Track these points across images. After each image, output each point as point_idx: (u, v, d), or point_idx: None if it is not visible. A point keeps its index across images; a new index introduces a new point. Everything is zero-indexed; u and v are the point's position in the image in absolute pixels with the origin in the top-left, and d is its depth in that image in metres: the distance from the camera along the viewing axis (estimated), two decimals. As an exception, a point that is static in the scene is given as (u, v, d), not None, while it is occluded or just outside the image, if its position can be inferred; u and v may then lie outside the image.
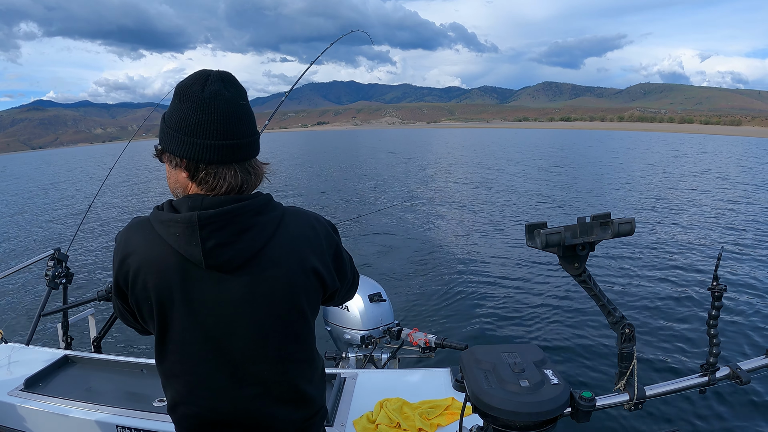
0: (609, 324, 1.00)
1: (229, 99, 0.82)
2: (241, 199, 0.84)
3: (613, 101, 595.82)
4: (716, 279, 1.02)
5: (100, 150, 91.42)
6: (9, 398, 1.62)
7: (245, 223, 0.83)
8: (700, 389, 1.08)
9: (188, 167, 0.84)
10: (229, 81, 0.84)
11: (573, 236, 0.88)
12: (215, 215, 0.80)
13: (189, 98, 0.82)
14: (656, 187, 14.91)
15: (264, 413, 0.91)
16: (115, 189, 18.55)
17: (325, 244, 0.92)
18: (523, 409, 0.79)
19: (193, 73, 0.84)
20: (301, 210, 0.94)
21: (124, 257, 0.87)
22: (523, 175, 19.23)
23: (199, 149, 0.81)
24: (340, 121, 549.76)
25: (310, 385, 0.97)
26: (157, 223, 0.84)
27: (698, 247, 7.63)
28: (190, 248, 0.81)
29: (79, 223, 2.90)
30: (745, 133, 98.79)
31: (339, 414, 1.52)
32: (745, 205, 11.34)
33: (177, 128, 0.82)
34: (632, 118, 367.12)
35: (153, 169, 26.29)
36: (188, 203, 0.83)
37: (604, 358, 4.10)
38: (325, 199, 14.53)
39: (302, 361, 0.94)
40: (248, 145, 0.85)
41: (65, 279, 2.30)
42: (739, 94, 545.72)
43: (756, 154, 32.61)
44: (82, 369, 1.87)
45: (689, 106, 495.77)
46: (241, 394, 0.89)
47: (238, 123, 0.83)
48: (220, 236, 0.81)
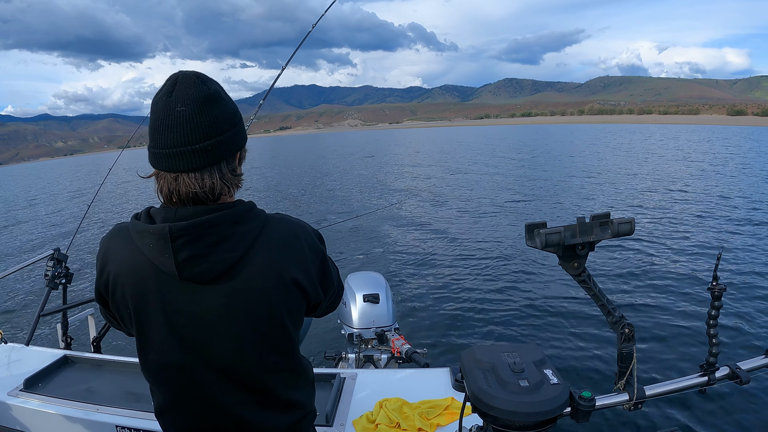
0: (608, 324, 1.00)
1: (166, 106, 0.80)
2: (217, 209, 0.82)
3: (574, 95, 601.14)
4: (716, 279, 1.02)
5: (60, 165, 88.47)
6: (9, 398, 1.62)
7: (221, 234, 0.81)
8: (699, 389, 1.08)
9: (156, 175, 0.84)
10: (183, 84, 0.81)
11: (572, 236, 0.89)
12: (187, 227, 0.79)
13: (152, 108, 0.82)
14: (640, 184, 14.92)
15: (248, 419, 0.90)
16: (115, 189, 18.56)
17: (309, 255, 0.90)
18: (522, 409, 0.79)
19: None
20: (285, 218, 0.91)
21: (104, 265, 0.88)
22: (504, 173, 19.23)
23: (154, 158, 0.83)
24: (302, 125, 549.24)
25: (295, 392, 0.96)
26: (134, 233, 0.84)
27: (698, 246, 7.63)
28: (163, 259, 0.80)
29: (78, 223, 2.90)
30: (703, 122, 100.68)
31: (339, 414, 1.52)
32: (744, 204, 11.34)
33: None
34: (592, 111, 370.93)
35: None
36: (162, 214, 0.82)
37: (603, 358, 4.10)
38: (312, 205, 14.52)
39: (284, 370, 0.93)
40: (199, 152, 0.80)
41: (65, 279, 2.30)
42: (698, 84, 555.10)
43: (730, 141, 33.72)
44: (81, 369, 1.87)
45: (649, 98, 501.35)
46: (223, 403, 0.88)
47: (176, 129, 0.79)
48: (193, 248, 0.80)
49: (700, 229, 8.93)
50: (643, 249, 7.52)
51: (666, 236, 8.34)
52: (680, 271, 6.41)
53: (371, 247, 8.39)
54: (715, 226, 9.14)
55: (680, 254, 7.22)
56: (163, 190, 0.83)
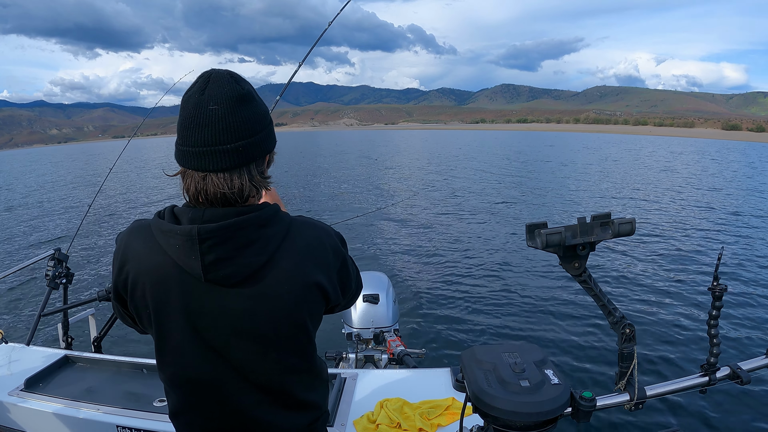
0: (609, 324, 1.00)
1: (198, 103, 0.79)
2: (245, 212, 0.81)
3: (570, 103, 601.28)
4: (717, 279, 1.02)
5: (54, 153, 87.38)
6: (9, 398, 1.62)
7: (248, 237, 0.80)
8: (700, 389, 1.08)
9: (182, 173, 0.83)
10: (216, 82, 0.80)
11: (573, 236, 0.88)
12: (216, 229, 0.78)
13: (182, 105, 0.81)
14: (637, 185, 14.92)
15: (265, 420, 0.90)
16: (116, 189, 18.56)
17: (332, 258, 0.90)
18: (523, 409, 0.79)
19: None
20: (309, 221, 0.91)
21: (123, 263, 0.86)
22: (504, 175, 19.27)
23: (182, 156, 0.81)
24: (298, 123, 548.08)
25: (312, 392, 0.96)
26: (158, 232, 0.82)
27: (699, 246, 7.63)
28: (189, 261, 0.79)
29: (79, 223, 2.90)
30: (698, 135, 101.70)
31: (339, 414, 1.52)
32: (745, 204, 11.34)
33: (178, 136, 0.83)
34: (588, 120, 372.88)
35: (155, 167, 26.28)
36: (189, 214, 0.81)
37: (604, 358, 4.10)
38: (336, 199, 14.52)
39: (302, 371, 0.93)
40: (230, 152, 0.80)
41: (65, 279, 2.30)
42: (694, 97, 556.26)
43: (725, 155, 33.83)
44: (82, 369, 1.87)
45: (644, 109, 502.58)
46: (241, 404, 0.89)
47: (207, 128, 0.78)
48: (220, 251, 0.79)
49: (700, 229, 8.93)
50: (644, 249, 7.52)
51: (667, 236, 8.34)
52: (681, 271, 6.41)
53: (373, 247, 8.39)
54: (716, 226, 9.13)
55: (681, 254, 7.22)
56: (189, 189, 0.82)
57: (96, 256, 8.50)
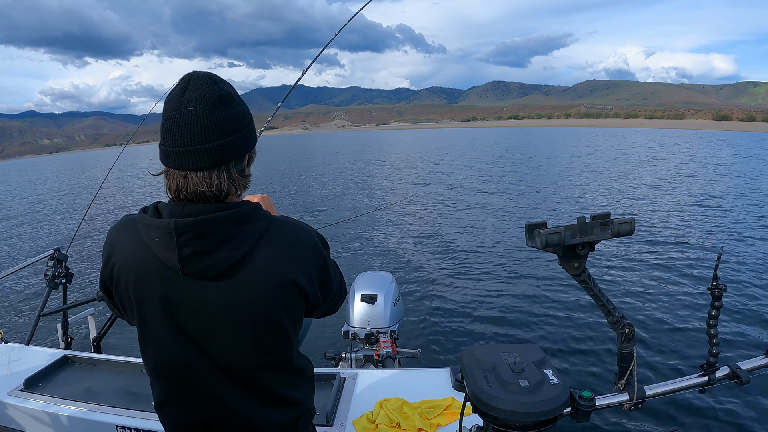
0: (609, 324, 1.00)
1: (178, 105, 0.81)
2: (224, 208, 0.83)
3: (561, 99, 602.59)
4: (716, 279, 1.02)
5: (47, 163, 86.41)
6: (9, 398, 1.62)
7: (226, 233, 0.82)
8: (700, 389, 1.09)
9: (165, 172, 0.86)
10: (195, 84, 0.83)
11: (573, 236, 0.89)
12: (192, 224, 0.80)
13: (164, 107, 0.84)
14: (638, 183, 14.92)
15: (244, 414, 0.91)
16: (115, 189, 18.56)
17: (311, 257, 0.91)
18: (522, 409, 0.79)
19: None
20: (290, 221, 0.92)
21: (109, 256, 0.90)
22: (501, 174, 19.26)
23: (165, 156, 0.84)
24: (290, 125, 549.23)
25: (293, 390, 0.97)
26: (141, 226, 0.85)
27: (698, 246, 7.63)
28: (167, 254, 0.82)
29: (78, 223, 2.90)
30: (689, 126, 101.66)
31: (339, 414, 1.52)
32: (744, 204, 11.34)
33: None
34: (579, 114, 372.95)
35: (150, 171, 26.29)
36: (169, 209, 0.84)
37: (603, 358, 4.10)
38: (315, 204, 14.52)
39: (281, 368, 0.94)
40: (208, 151, 0.82)
41: (65, 279, 2.30)
42: (684, 89, 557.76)
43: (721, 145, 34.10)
44: (82, 369, 1.87)
45: (635, 102, 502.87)
46: (219, 396, 0.90)
47: (187, 128, 0.81)
48: (197, 245, 0.81)
49: (700, 229, 8.93)
50: (643, 249, 7.52)
51: (666, 236, 8.34)
52: (680, 271, 6.41)
53: (373, 247, 8.39)
54: (716, 226, 9.14)
55: (680, 254, 7.22)
56: (171, 187, 0.85)
57: (96, 256, 8.49)
